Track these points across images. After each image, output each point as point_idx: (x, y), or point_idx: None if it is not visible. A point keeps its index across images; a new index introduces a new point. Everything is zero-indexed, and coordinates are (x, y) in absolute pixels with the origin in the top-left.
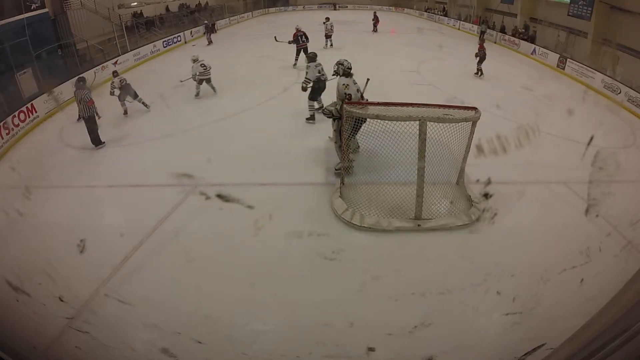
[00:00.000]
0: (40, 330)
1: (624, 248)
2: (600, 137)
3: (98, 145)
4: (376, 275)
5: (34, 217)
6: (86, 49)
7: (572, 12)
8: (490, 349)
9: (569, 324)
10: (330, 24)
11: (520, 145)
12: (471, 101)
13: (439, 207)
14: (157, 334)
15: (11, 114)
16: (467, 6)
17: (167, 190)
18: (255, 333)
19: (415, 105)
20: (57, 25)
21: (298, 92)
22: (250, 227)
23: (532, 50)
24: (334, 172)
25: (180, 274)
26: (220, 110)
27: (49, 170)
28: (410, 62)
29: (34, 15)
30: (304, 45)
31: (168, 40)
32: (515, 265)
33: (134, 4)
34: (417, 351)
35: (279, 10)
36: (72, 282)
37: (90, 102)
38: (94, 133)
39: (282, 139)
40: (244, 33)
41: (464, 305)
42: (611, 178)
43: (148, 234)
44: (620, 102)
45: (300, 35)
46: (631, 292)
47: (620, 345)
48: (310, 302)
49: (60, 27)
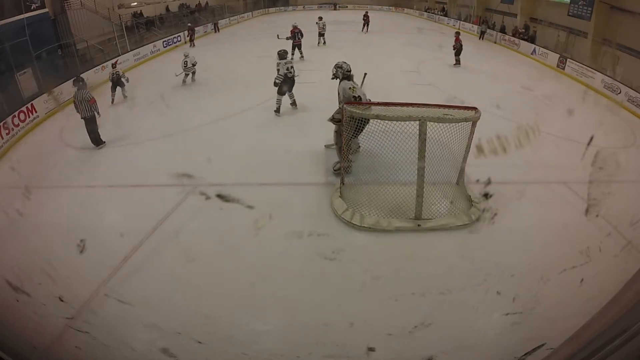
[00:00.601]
0: (40, 330)
1: (624, 248)
2: (600, 137)
3: (99, 145)
4: (376, 275)
5: (34, 217)
6: (86, 49)
7: (572, 12)
8: (490, 349)
9: (569, 324)
10: (323, 23)
11: (520, 145)
12: (471, 101)
13: (439, 207)
14: (157, 334)
15: (11, 114)
16: (467, 6)
17: (167, 190)
18: (255, 333)
19: (415, 105)
20: (57, 25)
21: (298, 92)
22: (250, 227)
23: (532, 50)
24: (333, 172)
25: (180, 274)
26: (221, 110)
27: (49, 170)
28: (410, 62)
29: (34, 15)
30: (299, 42)
31: (168, 40)
32: (515, 265)
33: (134, 4)
34: (417, 351)
35: (279, 10)
36: (72, 282)
37: (92, 101)
38: (94, 133)
39: (282, 139)
40: (244, 33)
41: (464, 305)
42: (611, 178)
43: (148, 234)
44: (620, 102)
45: (296, 33)
46: (631, 292)
47: (620, 345)
48: (310, 302)
49: (60, 27)
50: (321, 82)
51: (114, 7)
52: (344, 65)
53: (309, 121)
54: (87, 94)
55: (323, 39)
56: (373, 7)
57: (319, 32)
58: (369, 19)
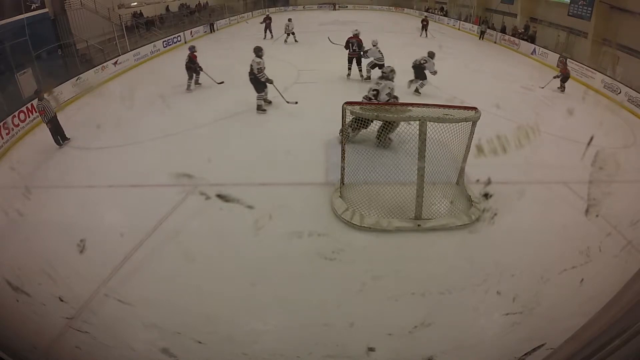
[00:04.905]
0: (40, 330)
1: (624, 248)
2: (600, 137)
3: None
4: (376, 275)
5: (34, 217)
6: (86, 49)
7: (572, 12)
8: (490, 349)
9: (569, 324)
10: (292, 24)
11: (520, 145)
12: (471, 101)
13: (439, 207)
14: (157, 334)
15: (11, 114)
16: (467, 6)
17: (167, 190)
18: (255, 333)
19: (415, 105)
20: (57, 25)
21: (298, 92)
22: (250, 227)
23: (532, 50)
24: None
25: (180, 274)
26: (221, 110)
27: (49, 170)
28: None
29: (34, 15)
30: (355, 55)
31: (168, 40)
32: (515, 265)
33: (134, 4)
34: (417, 351)
35: (279, 10)
36: (72, 282)
37: (42, 112)
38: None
39: (282, 139)
40: (244, 33)
41: (464, 305)
42: (611, 178)
43: (148, 234)
44: (620, 102)
45: (351, 42)
46: (631, 292)
47: (620, 345)
48: (310, 302)
49: (60, 27)
50: (321, 82)
51: (114, 7)
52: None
53: (309, 121)
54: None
55: (293, 37)
56: (373, 7)
57: (287, 32)
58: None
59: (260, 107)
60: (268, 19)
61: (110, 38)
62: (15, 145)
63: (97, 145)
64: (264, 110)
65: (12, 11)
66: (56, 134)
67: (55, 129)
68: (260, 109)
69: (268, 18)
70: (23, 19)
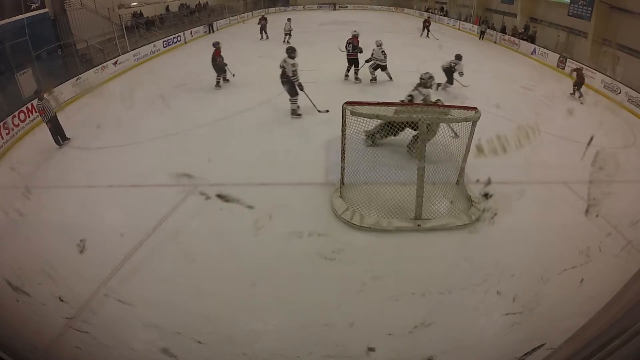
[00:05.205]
0: (40, 330)
1: (624, 248)
2: (600, 137)
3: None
4: (376, 275)
5: (34, 217)
6: (86, 49)
7: (572, 12)
8: (490, 349)
9: (569, 324)
10: (290, 24)
11: (520, 145)
12: (471, 101)
13: (439, 207)
14: (157, 334)
15: (11, 114)
16: (467, 6)
17: (167, 190)
18: (255, 333)
19: (415, 105)
20: (57, 25)
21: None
22: (250, 227)
23: (532, 50)
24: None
25: (180, 274)
26: (221, 110)
27: (49, 170)
28: (410, 62)
29: (34, 15)
30: (353, 56)
31: (168, 40)
32: (515, 265)
33: (134, 4)
34: (417, 351)
35: (279, 10)
36: (72, 282)
37: (42, 112)
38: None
39: (283, 139)
40: (244, 33)
41: (464, 305)
42: (611, 178)
43: (148, 234)
44: (620, 102)
45: (348, 43)
46: (631, 292)
47: (620, 345)
48: (310, 302)
49: (60, 27)
50: (321, 82)
51: (114, 7)
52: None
53: (310, 121)
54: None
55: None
56: (373, 7)
57: (288, 32)
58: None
59: (295, 112)
60: (264, 20)
61: (110, 38)
62: (15, 145)
63: (97, 145)
64: (299, 114)
65: (12, 11)
66: (56, 134)
67: (55, 129)
68: (295, 113)
69: (264, 19)
70: (23, 19)
